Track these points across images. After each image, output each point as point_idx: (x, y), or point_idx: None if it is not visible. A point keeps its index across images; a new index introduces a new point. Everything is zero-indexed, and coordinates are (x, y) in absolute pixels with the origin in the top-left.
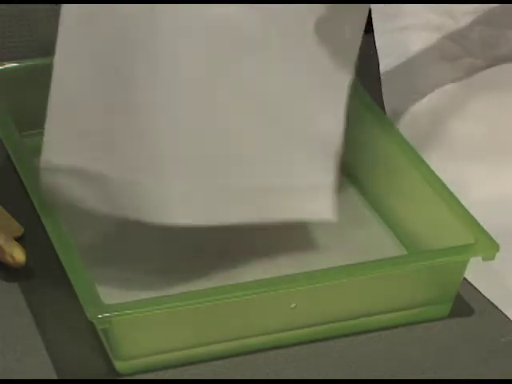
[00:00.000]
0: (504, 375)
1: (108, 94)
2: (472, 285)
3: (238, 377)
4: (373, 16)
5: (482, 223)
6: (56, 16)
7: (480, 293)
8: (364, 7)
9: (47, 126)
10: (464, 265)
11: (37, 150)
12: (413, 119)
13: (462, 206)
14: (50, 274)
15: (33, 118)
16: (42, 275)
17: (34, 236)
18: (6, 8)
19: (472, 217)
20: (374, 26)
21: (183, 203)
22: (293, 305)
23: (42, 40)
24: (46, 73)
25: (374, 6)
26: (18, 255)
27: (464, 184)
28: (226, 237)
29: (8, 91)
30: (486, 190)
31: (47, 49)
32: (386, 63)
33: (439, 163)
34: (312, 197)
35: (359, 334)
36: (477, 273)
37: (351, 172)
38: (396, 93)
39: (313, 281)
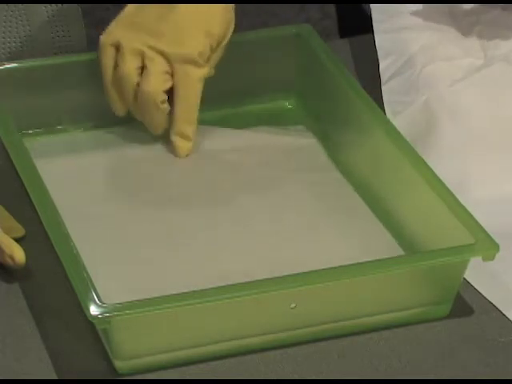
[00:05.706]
0: (504, 375)
1: None
2: (472, 285)
3: (238, 377)
4: (373, 16)
5: (482, 223)
6: (56, 16)
7: (480, 293)
8: None
9: None
10: (464, 265)
11: (37, 150)
12: (412, 119)
13: (462, 206)
14: (50, 273)
15: (33, 118)
16: (42, 275)
17: (34, 236)
18: (6, 8)
19: (472, 217)
20: (374, 26)
21: None
22: (293, 305)
23: (41, 40)
24: (45, 73)
25: (373, 6)
26: (17, 256)
27: (464, 184)
28: (226, 236)
29: (8, 91)
30: (486, 190)
31: (47, 49)
32: (386, 63)
33: (439, 163)
34: None
35: (359, 333)
36: (477, 273)
37: (350, 172)
38: (396, 92)
39: (313, 281)
